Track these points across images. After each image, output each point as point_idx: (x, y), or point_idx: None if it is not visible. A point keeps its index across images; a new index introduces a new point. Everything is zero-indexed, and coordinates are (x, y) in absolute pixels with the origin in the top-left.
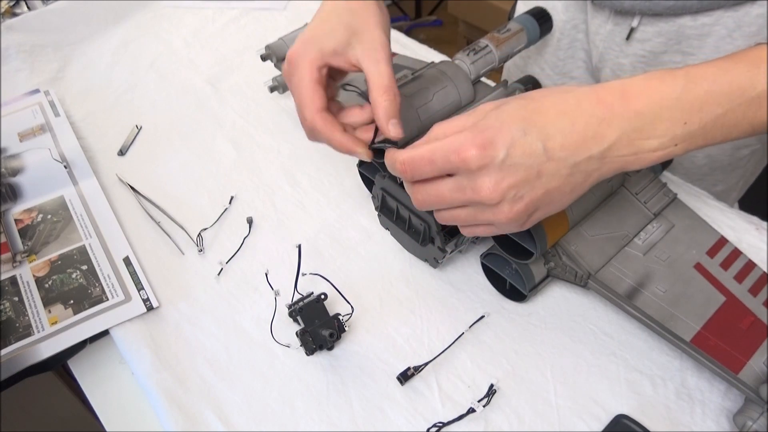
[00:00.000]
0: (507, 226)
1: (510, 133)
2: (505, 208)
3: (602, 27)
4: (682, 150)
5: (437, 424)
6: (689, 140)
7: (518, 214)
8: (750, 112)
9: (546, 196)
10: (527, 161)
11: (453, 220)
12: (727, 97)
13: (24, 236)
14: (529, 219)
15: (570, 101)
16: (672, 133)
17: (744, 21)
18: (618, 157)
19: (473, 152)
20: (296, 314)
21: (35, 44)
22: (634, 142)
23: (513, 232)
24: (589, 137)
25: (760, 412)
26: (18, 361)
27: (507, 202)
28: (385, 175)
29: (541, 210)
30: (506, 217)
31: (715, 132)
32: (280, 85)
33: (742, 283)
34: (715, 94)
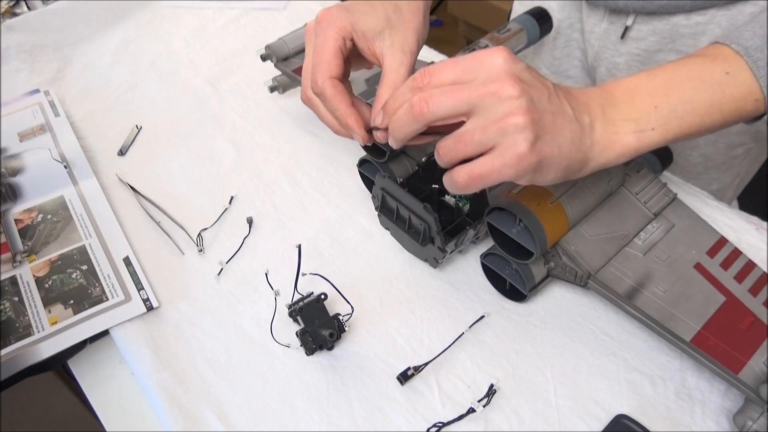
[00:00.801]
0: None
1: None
2: (522, 105)
3: (597, 26)
4: (659, 135)
5: (437, 424)
6: (664, 125)
7: (532, 116)
8: (716, 99)
9: (555, 125)
10: (541, 83)
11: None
12: (689, 83)
13: (24, 236)
14: (537, 144)
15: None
16: (646, 116)
17: (738, 19)
18: (603, 132)
19: (496, 50)
20: (296, 314)
21: (35, 44)
22: (614, 122)
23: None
24: (581, 103)
25: (760, 412)
26: (18, 361)
27: (524, 100)
28: (385, 175)
29: (550, 140)
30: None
31: (689, 118)
32: (280, 85)
33: (742, 283)
34: (677, 81)
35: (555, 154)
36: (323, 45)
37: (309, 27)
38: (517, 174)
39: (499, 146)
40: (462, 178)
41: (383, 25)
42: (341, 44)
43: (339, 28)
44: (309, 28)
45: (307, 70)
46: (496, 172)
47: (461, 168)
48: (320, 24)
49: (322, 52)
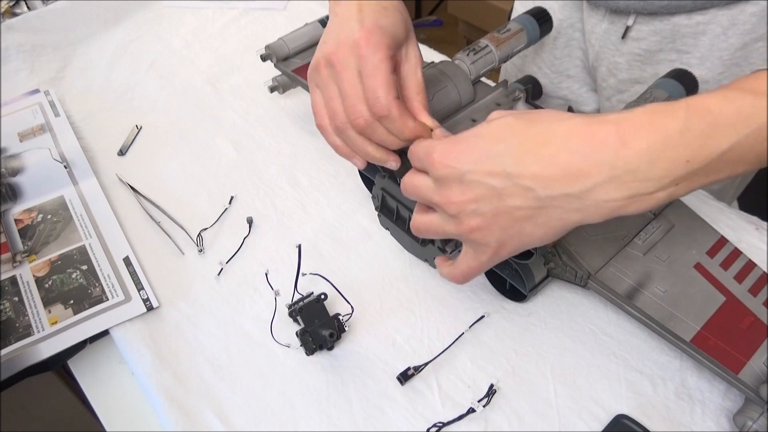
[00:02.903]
0: (475, 246)
1: (479, 151)
2: (464, 222)
3: (598, 26)
4: (684, 190)
5: (437, 424)
6: (691, 179)
7: (478, 231)
8: (757, 144)
9: (514, 223)
10: (489, 181)
11: (426, 226)
12: (733, 128)
13: (24, 236)
14: (500, 247)
15: (558, 131)
16: (673, 173)
17: (738, 19)
18: (605, 202)
19: (437, 160)
20: (296, 314)
21: (35, 44)
22: (628, 185)
23: (499, 258)
24: (570, 174)
25: (760, 412)
26: (18, 361)
27: (465, 216)
28: (385, 175)
29: (513, 238)
30: (467, 232)
31: (719, 168)
32: (280, 85)
33: (742, 283)
34: (721, 126)
35: (528, 241)
36: (377, 68)
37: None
38: (501, 258)
39: (469, 247)
40: (459, 278)
41: (405, 35)
42: (392, 64)
43: (386, 48)
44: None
45: (356, 95)
46: (479, 268)
47: (454, 269)
48: (363, 48)
49: (378, 74)
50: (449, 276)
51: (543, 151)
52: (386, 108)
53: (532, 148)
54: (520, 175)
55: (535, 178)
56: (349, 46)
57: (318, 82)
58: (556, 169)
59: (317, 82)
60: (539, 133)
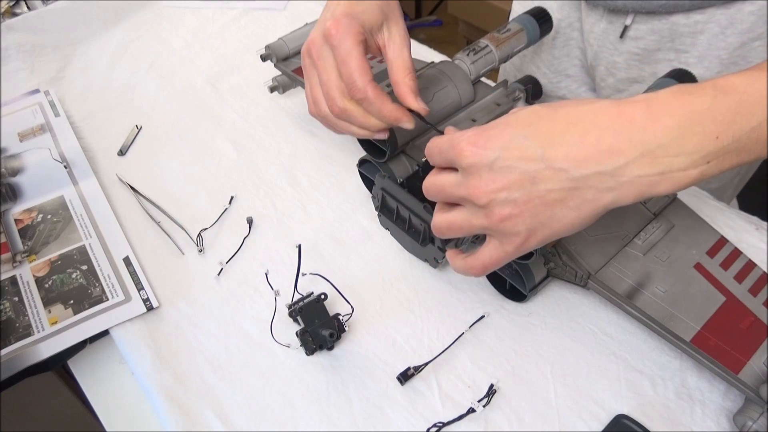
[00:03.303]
0: (503, 236)
1: (508, 136)
2: (496, 211)
3: (596, 25)
4: (715, 169)
5: (437, 424)
6: (722, 156)
7: (510, 219)
8: None
9: (545, 208)
10: (521, 165)
11: (449, 225)
12: (760, 106)
13: (24, 236)
14: (531, 235)
15: (585, 112)
16: (704, 149)
17: (736, 18)
18: (639, 177)
19: (465, 148)
20: (296, 314)
21: (35, 44)
22: (660, 160)
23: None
24: (602, 151)
25: (760, 412)
26: (18, 361)
27: (496, 205)
28: (385, 175)
29: (545, 226)
30: (497, 221)
31: (750, 147)
32: (280, 85)
33: (742, 283)
34: (748, 103)
35: (559, 228)
36: (349, 54)
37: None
38: (529, 249)
39: (494, 237)
40: (477, 270)
41: (381, 19)
42: (363, 49)
43: (355, 34)
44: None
45: (330, 84)
46: (502, 260)
47: (473, 259)
48: (333, 37)
49: (351, 60)
50: (465, 268)
51: (573, 131)
52: (362, 91)
53: (561, 129)
54: (552, 158)
55: (567, 158)
56: (322, 36)
57: (304, 72)
58: (588, 147)
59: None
60: (567, 114)
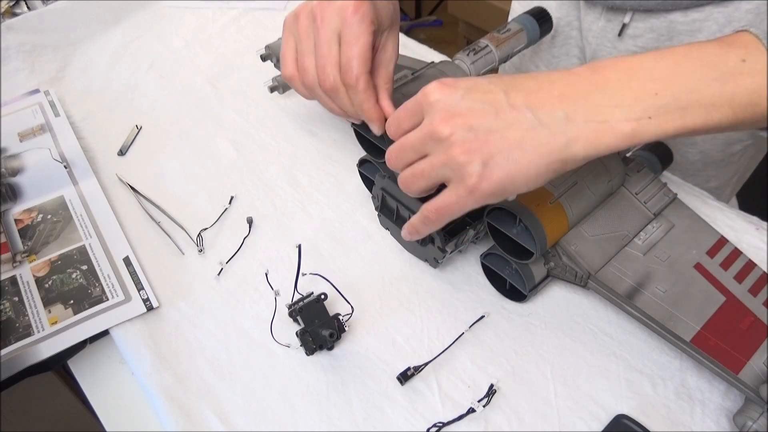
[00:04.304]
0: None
1: (473, 81)
2: (456, 141)
3: (595, 23)
4: (657, 126)
5: (437, 424)
6: (664, 114)
7: (469, 150)
8: (726, 91)
9: (504, 143)
10: (486, 101)
11: (413, 174)
12: (698, 70)
13: (24, 236)
14: (485, 168)
15: (541, 74)
16: (643, 102)
17: (734, 16)
18: (587, 123)
19: (433, 87)
20: (296, 314)
21: (35, 44)
22: (602, 109)
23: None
24: (554, 96)
25: (760, 412)
26: (18, 361)
27: (458, 134)
28: (385, 175)
29: (499, 167)
30: (457, 153)
31: (693, 110)
32: (280, 85)
33: (742, 283)
34: (684, 66)
35: (514, 171)
36: (358, 38)
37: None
38: (478, 201)
39: (452, 180)
40: (432, 213)
41: (387, 24)
42: (372, 39)
43: (370, 22)
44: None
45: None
46: (456, 204)
47: (429, 204)
48: (350, 15)
49: (357, 45)
50: (421, 217)
51: (530, 81)
52: (355, 79)
53: (520, 81)
54: (513, 99)
55: (526, 101)
56: (337, 6)
57: (293, 32)
58: (543, 93)
59: (293, 31)
60: (524, 75)
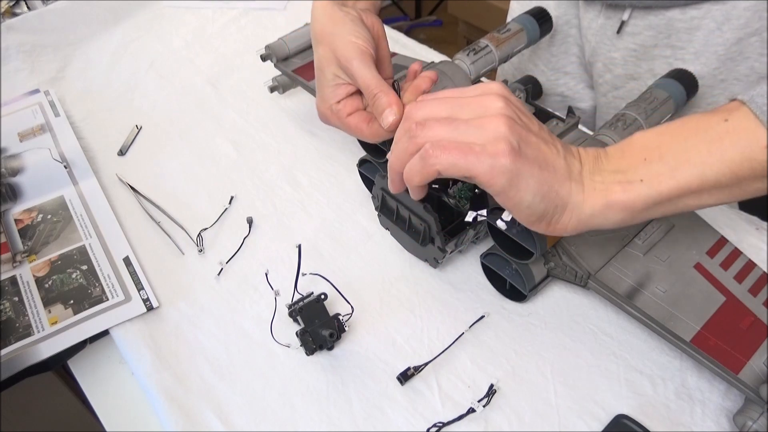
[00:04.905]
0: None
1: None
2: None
3: (594, 21)
4: (650, 188)
5: (437, 424)
6: (655, 177)
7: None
8: (714, 149)
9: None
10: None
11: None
12: (681, 135)
13: (24, 236)
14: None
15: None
16: (634, 167)
17: (732, 14)
18: (591, 182)
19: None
20: (296, 314)
21: (35, 44)
22: (603, 171)
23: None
24: (571, 152)
25: (760, 412)
26: (18, 361)
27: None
28: (385, 175)
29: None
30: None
31: (683, 169)
32: (280, 85)
33: (742, 283)
34: (668, 134)
35: (534, 172)
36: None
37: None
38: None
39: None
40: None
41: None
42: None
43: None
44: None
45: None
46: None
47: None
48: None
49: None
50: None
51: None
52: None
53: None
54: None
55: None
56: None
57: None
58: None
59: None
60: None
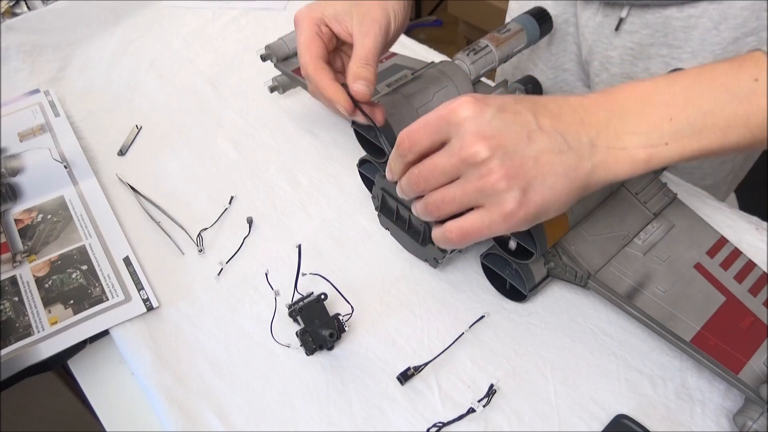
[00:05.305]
0: (498, 199)
1: (502, 100)
2: (494, 166)
3: (591, 19)
4: (674, 152)
5: (437, 424)
6: (679, 139)
7: (509, 177)
8: (741, 112)
9: (538, 168)
10: (518, 124)
11: (442, 200)
12: (710, 93)
13: (24, 236)
14: (524, 198)
15: (559, 97)
16: (659, 129)
17: (729, 13)
18: (608, 149)
19: (464, 101)
20: (296, 314)
21: (35, 44)
22: (621, 136)
23: (506, 219)
24: (577, 122)
25: (760, 412)
26: (18, 361)
27: (496, 159)
28: (384, 175)
29: (536, 190)
30: (496, 180)
31: (708, 133)
32: (280, 85)
33: (742, 283)
34: (698, 89)
35: (548, 197)
36: (300, 36)
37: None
38: (510, 228)
39: (486, 204)
40: (454, 234)
41: (349, 6)
42: (316, 29)
43: (311, 18)
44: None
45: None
46: (486, 229)
47: (452, 224)
48: (296, 23)
49: (301, 41)
50: (445, 233)
51: (551, 106)
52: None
53: (543, 105)
54: (542, 121)
55: (553, 122)
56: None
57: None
58: (565, 118)
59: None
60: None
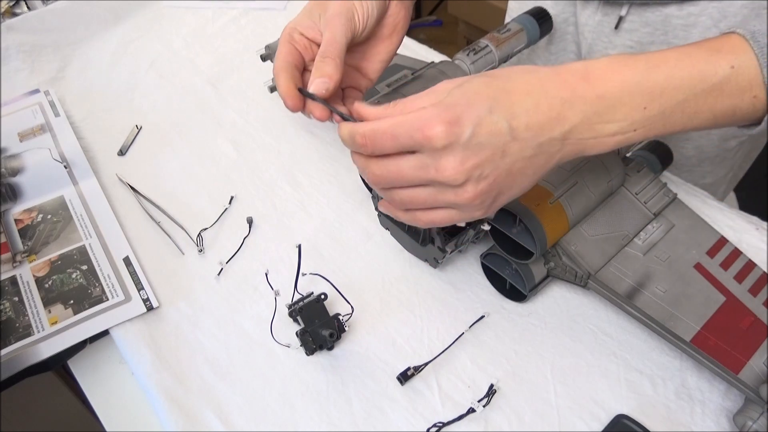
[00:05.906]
0: (470, 209)
1: (477, 111)
2: (469, 189)
3: (591, 18)
4: (640, 136)
5: (437, 424)
6: (648, 126)
7: (482, 195)
8: (710, 99)
9: (509, 177)
10: (493, 140)
11: (411, 201)
12: (688, 82)
13: (24, 236)
14: (493, 203)
15: (534, 82)
16: (631, 118)
17: (729, 11)
18: (579, 140)
19: (439, 129)
20: (296, 314)
21: (35, 44)
22: (594, 126)
23: (475, 218)
24: (552, 118)
25: (760, 412)
26: (18, 361)
27: (471, 182)
28: None
29: (505, 194)
30: (470, 198)
31: (675, 119)
32: None
33: (742, 283)
34: (676, 78)
35: (516, 194)
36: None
37: None
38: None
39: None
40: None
41: (319, 11)
42: (289, 39)
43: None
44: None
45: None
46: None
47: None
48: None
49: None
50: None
51: (527, 102)
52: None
53: (517, 101)
54: (515, 128)
55: (527, 127)
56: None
57: None
58: (541, 115)
59: None
60: (519, 85)
